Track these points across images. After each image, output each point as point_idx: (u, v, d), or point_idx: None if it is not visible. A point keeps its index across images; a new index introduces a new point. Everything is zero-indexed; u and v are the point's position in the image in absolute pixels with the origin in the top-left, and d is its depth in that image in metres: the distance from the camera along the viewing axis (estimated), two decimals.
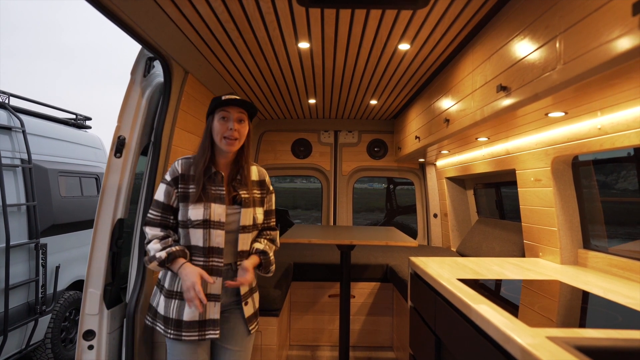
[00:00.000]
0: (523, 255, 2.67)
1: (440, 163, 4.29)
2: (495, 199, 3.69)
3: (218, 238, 1.69)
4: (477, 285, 1.71)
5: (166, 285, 1.72)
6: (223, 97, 1.73)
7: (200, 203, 1.68)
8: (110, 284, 2.18)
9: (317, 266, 3.56)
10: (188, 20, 2.10)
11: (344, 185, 4.76)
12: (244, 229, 1.76)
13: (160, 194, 1.73)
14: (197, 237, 1.68)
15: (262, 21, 2.12)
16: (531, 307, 1.40)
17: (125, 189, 2.21)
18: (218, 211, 1.69)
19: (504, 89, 1.74)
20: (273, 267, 1.85)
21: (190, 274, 1.61)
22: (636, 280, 1.77)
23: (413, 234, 4.77)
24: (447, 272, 1.96)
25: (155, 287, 1.81)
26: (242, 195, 1.76)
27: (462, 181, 4.20)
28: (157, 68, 2.39)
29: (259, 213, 1.82)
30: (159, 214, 1.72)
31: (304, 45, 2.44)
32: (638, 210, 2.04)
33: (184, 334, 1.67)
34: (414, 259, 2.34)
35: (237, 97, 1.73)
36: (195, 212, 1.67)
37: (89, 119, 4.72)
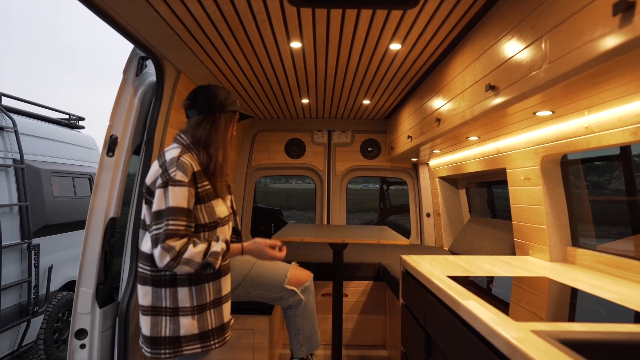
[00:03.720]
0: (513, 253, 2.70)
1: (432, 163, 4.31)
2: (487, 198, 3.73)
3: (229, 230, 1.69)
4: (466, 282, 1.73)
5: (194, 302, 1.54)
6: (237, 103, 1.72)
7: (219, 199, 1.60)
8: (103, 283, 2.18)
9: (309, 265, 3.56)
10: (180, 19, 2.10)
11: (338, 185, 4.78)
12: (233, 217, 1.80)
13: (182, 200, 1.48)
14: (224, 234, 1.61)
15: (254, 21, 2.13)
16: (519, 303, 1.42)
17: (118, 187, 2.21)
18: (229, 204, 1.68)
19: (492, 88, 1.77)
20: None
21: (258, 242, 1.63)
22: (622, 276, 1.80)
23: (406, 234, 4.79)
24: (438, 270, 1.98)
25: (148, 317, 1.57)
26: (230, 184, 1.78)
27: (454, 181, 4.23)
28: (150, 67, 2.40)
29: None
30: (184, 223, 1.47)
31: (296, 45, 2.45)
32: (625, 209, 2.07)
33: (226, 336, 1.62)
34: (405, 257, 2.35)
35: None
36: (221, 209, 1.59)
37: (82, 119, 4.72)
